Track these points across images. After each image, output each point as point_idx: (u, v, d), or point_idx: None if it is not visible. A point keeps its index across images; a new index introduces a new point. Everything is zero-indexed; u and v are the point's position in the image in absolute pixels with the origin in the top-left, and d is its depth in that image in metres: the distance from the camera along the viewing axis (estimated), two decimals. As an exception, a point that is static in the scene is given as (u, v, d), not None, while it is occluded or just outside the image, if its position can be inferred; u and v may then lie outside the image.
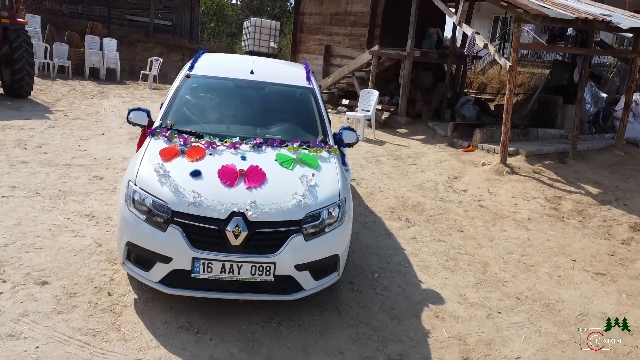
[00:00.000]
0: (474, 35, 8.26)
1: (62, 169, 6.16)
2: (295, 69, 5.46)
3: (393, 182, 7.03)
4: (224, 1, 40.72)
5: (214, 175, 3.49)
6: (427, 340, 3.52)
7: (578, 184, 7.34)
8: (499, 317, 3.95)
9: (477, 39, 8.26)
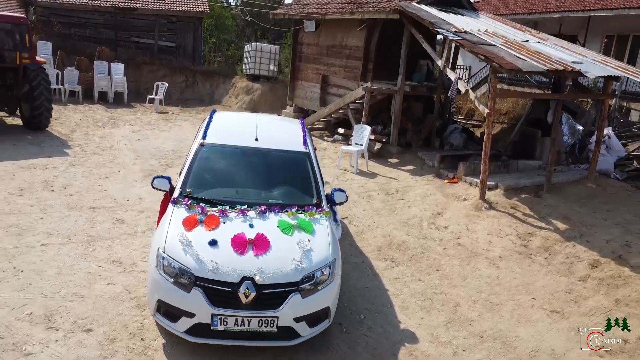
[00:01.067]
0: (456, 81, 9.09)
1: (88, 212, 6.98)
2: (294, 130, 6.27)
3: (382, 220, 7.87)
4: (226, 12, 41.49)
5: (228, 244, 4.32)
6: (401, 378, 4.35)
7: (549, 219, 8.17)
8: (463, 355, 4.79)
9: (459, 85, 9.09)
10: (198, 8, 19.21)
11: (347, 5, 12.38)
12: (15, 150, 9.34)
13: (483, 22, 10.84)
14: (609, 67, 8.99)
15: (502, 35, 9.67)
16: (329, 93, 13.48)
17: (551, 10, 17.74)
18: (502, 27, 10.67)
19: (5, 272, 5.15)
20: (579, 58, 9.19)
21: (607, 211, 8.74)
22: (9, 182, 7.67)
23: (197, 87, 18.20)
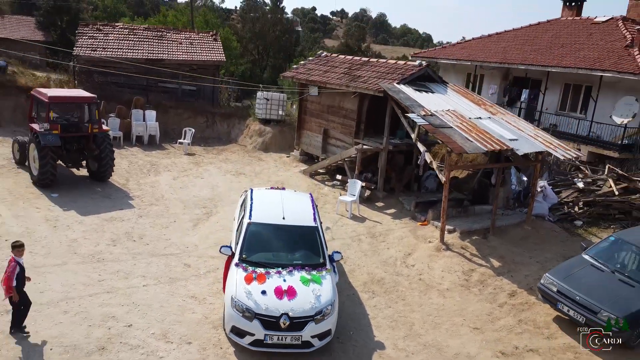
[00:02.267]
0: (424, 154, 12.27)
1: (163, 258, 10.16)
2: (306, 207, 9.42)
3: (367, 260, 11.05)
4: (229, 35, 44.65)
5: (272, 293, 7.50)
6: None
7: (488, 258, 11.35)
8: (412, 356, 7.97)
9: (426, 156, 12.27)
10: (215, 57, 22.37)
11: (344, 77, 15.58)
12: (94, 204, 12.49)
13: (448, 98, 14.01)
14: (537, 142, 12.17)
15: (460, 115, 12.83)
16: (329, 143, 16.66)
17: (518, 62, 20.94)
18: (462, 103, 13.84)
19: (130, 306, 8.33)
20: (517, 134, 12.37)
21: (534, 250, 11.94)
22: (102, 235, 10.84)
23: (216, 127, 21.37)
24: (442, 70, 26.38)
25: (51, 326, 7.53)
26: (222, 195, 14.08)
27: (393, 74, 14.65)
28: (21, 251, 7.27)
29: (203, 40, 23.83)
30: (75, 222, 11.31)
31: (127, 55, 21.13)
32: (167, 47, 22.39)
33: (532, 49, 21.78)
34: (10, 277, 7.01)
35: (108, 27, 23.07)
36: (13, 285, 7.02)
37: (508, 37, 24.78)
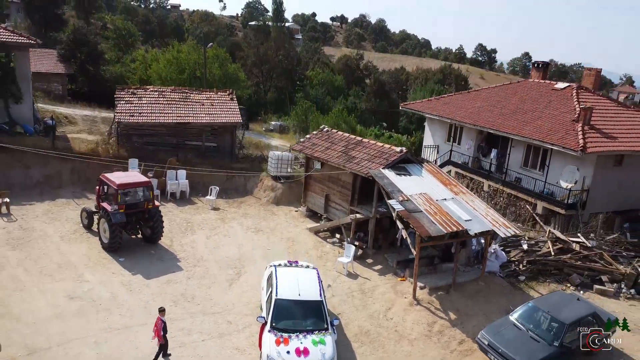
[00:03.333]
0: (401, 231, 16.36)
1: (212, 316, 14.24)
2: (314, 283, 13.49)
3: (358, 314, 15.14)
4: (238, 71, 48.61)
5: (294, 352, 11.62)
6: (359, 402, 11.67)
7: (447, 311, 15.43)
8: (385, 392, 12.07)
9: (402, 233, 16.36)
10: (233, 120, 26.43)
11: (342, 156, 19.67)
12: (153, 267, 16.58)
13: (422, 179, 18.07)
14: (486, 222, 16.25)
15: (429, 197, 16.90)
16: (330, 205, 20.76)
17: (488, 126, 25.04)
18: (433, 184, 17.90)
19: (197, 357, 12.42)
20: (472, 214, 16.45)
21: (484, 304, 16.02)
22: (165, 297, 14.92)
23: (234, 180, 25.42)
24: (429, 121, 30.48)
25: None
26: (247, 255, 18.15)
27: (380, 157, 18.75)
28: (163, 314, 12.10)
29: (221, 99, 27.86)
30: (143, 285, 15.42)
31: (160, 120, 25.19)
32: (192, 109, 26.40)
33: (500, 112, 25.88)
34: (158, 330, 11.88)
35: (141, 90, 27.09)
36: (162, 334, 11.82)
37: (483, 95, 28.92)
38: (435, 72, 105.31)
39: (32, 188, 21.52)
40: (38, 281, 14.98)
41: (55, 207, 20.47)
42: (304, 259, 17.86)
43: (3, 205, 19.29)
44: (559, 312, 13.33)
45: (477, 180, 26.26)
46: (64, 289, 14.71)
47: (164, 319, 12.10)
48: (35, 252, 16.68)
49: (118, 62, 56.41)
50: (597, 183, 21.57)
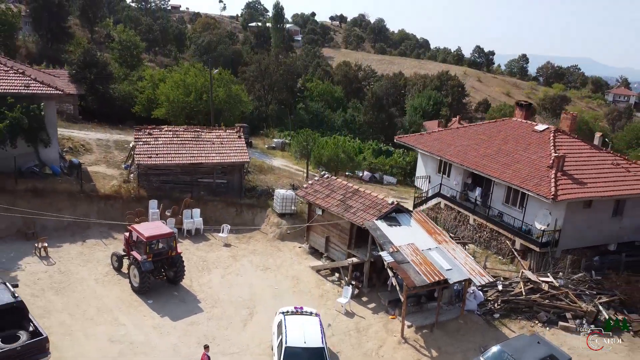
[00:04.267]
0: (391, 279, 19.11)
1: (230, 356, 17.00)
2: (317, 331, 16.25)
3: (354, 352, 17.92)
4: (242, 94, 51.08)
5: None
6: None
7: (430, 349, 18.22)
8: None
9: (393, 281, 19.11)
10: (241, 159, 29.11)
11: (340, 204, 22.40)
12: (178, 308, 19.34)
13: (410, 229, 20.80)
14: (464, 270, 19.02)
15: (416, 248, 19.64)
16: (330, 245, 23.54)
17: (472, 167, 27.71)
18: (420, 233, 20.64)
19: (221, 396, 15.20)
20: (452, 264, 19.21)
21: (462, 341, 18.83)
22: (190, 338, 17.68)
23: (243, 215, 28.17)
24: (421, 155, 33.17)
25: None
26: (258, 295, 20.91)
27: (374, 208, 21.50)
28: (208, 349, 15.20)
29: (230, 138, 30.48)
30: (171, 327, 18.19)
31: (175, 161, 27.87)
32: (204, 148, 29.04)
33: (484, 153, 28.54)
34: None
35: (156, 131, 29.70)
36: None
37: (470, 133, 31.60)
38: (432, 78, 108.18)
39: (63, 230, 24.20)
40: (82, 325, 17.73)
41: (87, 249, 23.22)
42: (307, 297, 20.74)
43: (42, 249, 22.02)
44: (521, 355, 16.11)
45: (464, 213, 29.01)
46: (105, 333, 17.48)
47: (208, 354, 15.27)
48: (76, 296, 19.44)
49: (125, 80, 58.66)
50: (568, 223, 24.29)
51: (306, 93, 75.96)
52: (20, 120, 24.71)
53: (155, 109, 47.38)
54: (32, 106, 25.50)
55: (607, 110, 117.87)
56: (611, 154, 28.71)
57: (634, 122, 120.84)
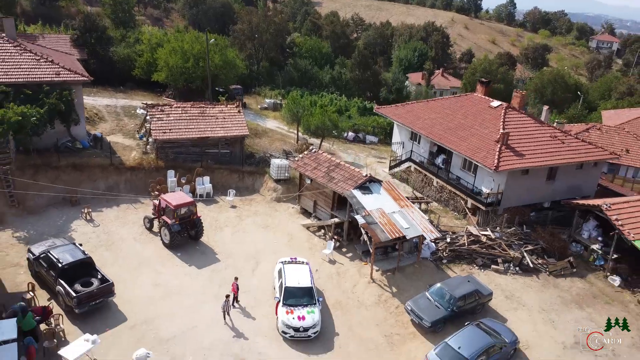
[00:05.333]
0: (363, 236, 25.27)
1: (246, 294, 23.30)
2: (307, 274, 22.53)
3: (335, 290, 24.38)
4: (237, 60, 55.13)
5: (296, 318, 20.89)
6: (333, 345, 21.20)
7: (391, 287, 24.74)
8: (349, 340, 21.52)
9: (365, 237, 25.29)
10: (242, 133, 34.45)
11: (325, 176, 28.21)
12: (200, 259, 25.50)
13: (379, 197, 26.75)
14: (419, 228, 25.23)
15: (383, 211, 25.69)
16: (317, 207, 29.59)
17: (436, 140, 33.37)
18: (387, 200, 26.63)
19: (245, 317, 21.65)
20: (410, 223, 25.38)
21: (416, 281, 25.37)
22: (213, 282, 23.92)
23: (245, 180, 33.92)
24: (396, 124, 38.70)
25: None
26: (260, 250, 27.03)
27: (352, 179, 27.36)
28: (237, 280, 21.97)
29: (231, 112, 35.62)
30: (197, 274, 24.41)
31: (186, 135, 33.18)
32: (209, 123, 34.28)
33: (447, 127, 34.17)
34: (235, 289, 21.48)
35: (167, 108, 34.75)
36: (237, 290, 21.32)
37: (438, 106, 37.08)
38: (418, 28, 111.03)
39: (99, 197, 29.83)
40: (130, 274, 23.81)
41: (121, 212, 29.02)
42: (299, 250, 26.98)
43: (87, 214, 27.80)
44: (453, 290, 22.64)
45: (429, 177, 35.05)
46: (148, 279, 23.64)
47: (237, 283, 21.93)
48: (121, 251, 25.46)
49: (122, 41, 61.76)
50: (509, 187, 30.43)
51: (295, 49, 79.49)
52: (57, 105, 29.72)
53: (155, 73, 51.77)
54: (64, 92, 30.39)
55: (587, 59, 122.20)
56: (552, 127, 34.46)
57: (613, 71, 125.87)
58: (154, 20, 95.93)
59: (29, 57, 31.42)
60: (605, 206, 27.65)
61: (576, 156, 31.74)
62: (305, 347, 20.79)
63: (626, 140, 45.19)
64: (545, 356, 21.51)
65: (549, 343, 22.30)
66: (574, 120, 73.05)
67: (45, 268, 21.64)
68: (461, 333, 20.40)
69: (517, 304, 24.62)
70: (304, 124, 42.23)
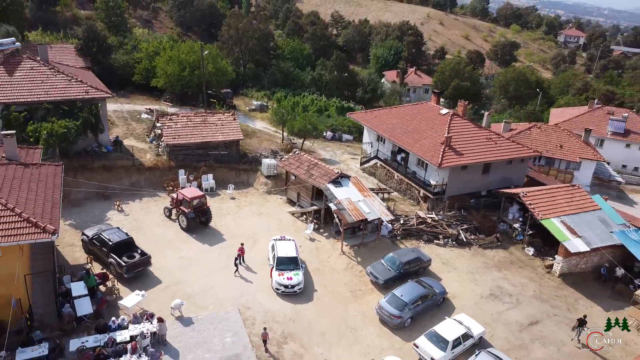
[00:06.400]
0: (336, 219, 33.63)
1: (247, 264, 31.56)
2: (294, 247, 30.86)
3: (314, 260, 32.76)
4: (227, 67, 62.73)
5: (286, 279, 29.25)
6: (313, 297, 29.71)
7: (357, 257, 33.21)
8: (322, 295, 29.97)
9: (337, 220, 33.61)
10: (237, 137, 42.43)
11: (306, 172, 36.43)
12: (211, 239, 33.62)
13: (348, 189, 35.07)
14: (378, 212, 33.70)
15: (350, 200, 34.05)
16: (300, 198, 37.90)
17: (397, 142, 41.82)
18: (353, 191, 34.97)
19: (247, 280, 29.92)
20: (371, 209, 33.83)
21: (375, 253, 33.91)
22: (221, 256, 32.07)
23: (241, 176, 41.96)
24: (365, 127, 47.03)
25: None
26: (257, 231, 35.26)
27: (327, 176, 35.63)
28: (243, 245, 30.88)
29: (227, 120, 43.54)
30: (210, 250, 32.56)
31: (192, 140, 41.06)
32: (210, 129, 42.17)
33: (406, 130, 42.61)
34: (242, 250, 30.30)
35: (175, 117, 42.50)
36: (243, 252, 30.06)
37: (400, 113, 45.49)
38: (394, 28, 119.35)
39: (125, 192, 37.61)
40: (159, 251, 31.77)
41: (144, 204, 36.92)
42: (287, 230, 35.25)
43: (119, 205, 35.64)
44: (401, 258, 31.19)
45: (392, 171, 43.52)
46: (173, 254, 31.70)
47: (244, 247, 29.93)
48: (148, 234, 33.41)
49: (120, 48, 68.68)
50: (452, 180, 39.02)
51: (279, 51, 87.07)
52: (88, 118, 37.35)
53: (154, 79, 59.23)
54: (93, 107, 38.02)
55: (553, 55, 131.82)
56: (488, 130, 43.14)
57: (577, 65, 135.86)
58: (144, 22, 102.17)
59: (62, 78, 38.88)
60: (522, 194, 36.44)
61: (506, 154, 40.47)
62: (292, 299, 29.14)
63: (561, 137, 54.28)
64: (466, 303, 30.19)
65: (470, 294, 31.01)
66: (531, 115, 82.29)
67: (98, 246, 29.55)
68: (404, 286, 28.91)
69: (451, 268, 33.31)
70: (288, 126, 50.25)
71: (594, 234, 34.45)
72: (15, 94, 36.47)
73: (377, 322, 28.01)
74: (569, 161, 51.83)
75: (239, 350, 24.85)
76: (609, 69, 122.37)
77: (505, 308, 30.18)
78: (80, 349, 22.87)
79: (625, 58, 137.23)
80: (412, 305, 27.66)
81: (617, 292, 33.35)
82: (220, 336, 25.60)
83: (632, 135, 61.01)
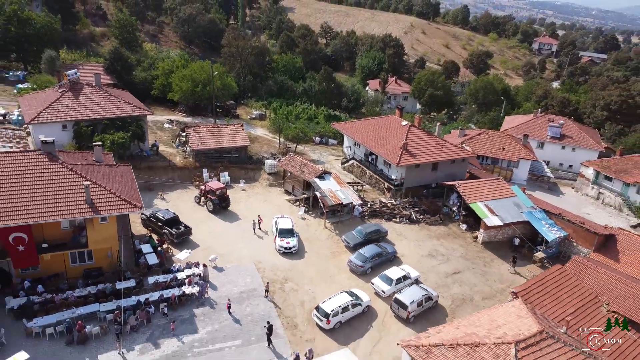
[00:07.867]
0: (321, 204, 47.90)
1: (265, 236, 45.74)
2: (290, 223, 45.06)
3: (305, 233, 47.00)
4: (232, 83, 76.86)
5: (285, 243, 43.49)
6: (304, 256, 44.08)
7: (335, 231, 47.44)
8: (312, 258, 44.29)
9: (322, 205, 47.90)
10: (245, 143, 56.56)
11: (299, 170, 50.66)
12: (230, 218, 47.76)
13: (330, 182, 49.28)
14: (351, 198, 48.03)
15: (331, 189, 48.29)
16: (294, 189, 52.18)
17: (368, 147, 56.23)
18: (334, 184, 49.22)
19: (265, 248, 44.15)
20: (347, 195, 48.15)
21: (350, 227, 48.25)
22: (241, 229, 46.23)
23: (249, 173, 56.11)
24: (345, 135, 61.40)
25: (245, 251, 43.50)
26: (263, 212, 49.38)
27: (314, 172, 49.90)
28: (260, 217, 45.72)
29: (237, 129, 57.66)
30: (231, 226, 46.72)
31: (211, 146, 55.14)
32: (225, 137, 56.24)
33: (375, 137, 56.96)
34: (261, 218, 44.92)
35: (198, 128, 56.55)
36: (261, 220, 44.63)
37: (372, 124, 59.90)
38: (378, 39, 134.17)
39: (164, 185, 51.53)
40: (194, 225, 45.69)
41: (179, 195, 50.98)
42: (285, 212, 49.57)
43: (162, 196, 49.70)
44: (366, 229, 45.56)
45: (365, 169, 57.86)
46: (205, 228, 45.76)
47: (261, 218, 44.53)
48: (186, 215, 47.36)
49: (138, 65, 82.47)
50: (408, 175, 53.37)
51: (274, 64, 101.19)
52: (136, 130, 51.39)
53: (170, 93, 73.15)
54: (139, 122, 52.07)
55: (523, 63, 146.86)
56: (437, 138, 57.63)
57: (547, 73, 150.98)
58: (151, 37, 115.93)
59: (114, 100, 52.83)
60: (457, 185, 50.94)
61: (449, 155, 54.95)
62: (290, 257, 43.34)
63: (504, 141, 68.93)
64: (410, 260, 44.51)
65: (414, 254, 45.39)
66: (494, 120, 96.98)
67: (154, 221, 43.59)
68: (366, 247, 43.36)
69: (403, 237, 47.67)
70: (284, 134, 64.47)
71: (507, 213, 48.97)
72: (82, 113, 50.39)
73: (347, 271, 42.30)
74: (510, 161, 66.47)
75: (255, 286, 39.05)
76: (575, 76, 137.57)
77: (437, 263, 44.62)
78: (155, 282, 36.97)
79: (592, 64, 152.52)
80: (372, 259, 42.00)
81: (524, 255, 47.87)
82: (242, 278, 39.81)
83: (566, 139, 75.77)
